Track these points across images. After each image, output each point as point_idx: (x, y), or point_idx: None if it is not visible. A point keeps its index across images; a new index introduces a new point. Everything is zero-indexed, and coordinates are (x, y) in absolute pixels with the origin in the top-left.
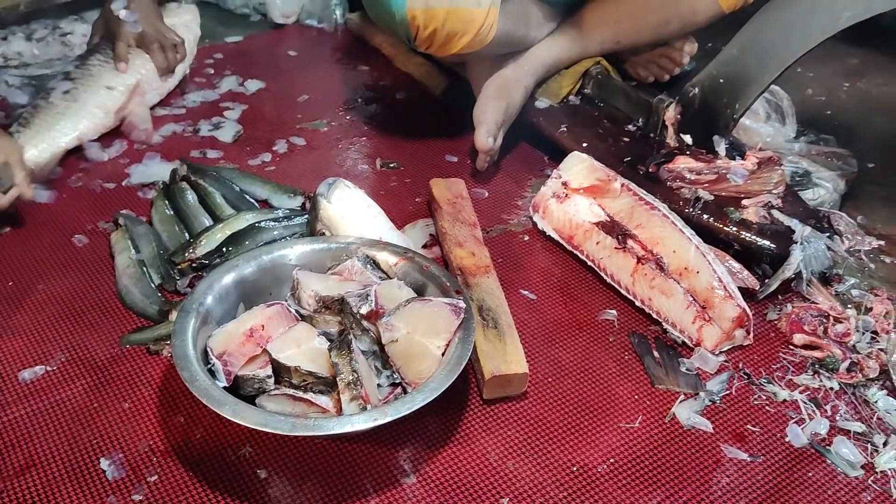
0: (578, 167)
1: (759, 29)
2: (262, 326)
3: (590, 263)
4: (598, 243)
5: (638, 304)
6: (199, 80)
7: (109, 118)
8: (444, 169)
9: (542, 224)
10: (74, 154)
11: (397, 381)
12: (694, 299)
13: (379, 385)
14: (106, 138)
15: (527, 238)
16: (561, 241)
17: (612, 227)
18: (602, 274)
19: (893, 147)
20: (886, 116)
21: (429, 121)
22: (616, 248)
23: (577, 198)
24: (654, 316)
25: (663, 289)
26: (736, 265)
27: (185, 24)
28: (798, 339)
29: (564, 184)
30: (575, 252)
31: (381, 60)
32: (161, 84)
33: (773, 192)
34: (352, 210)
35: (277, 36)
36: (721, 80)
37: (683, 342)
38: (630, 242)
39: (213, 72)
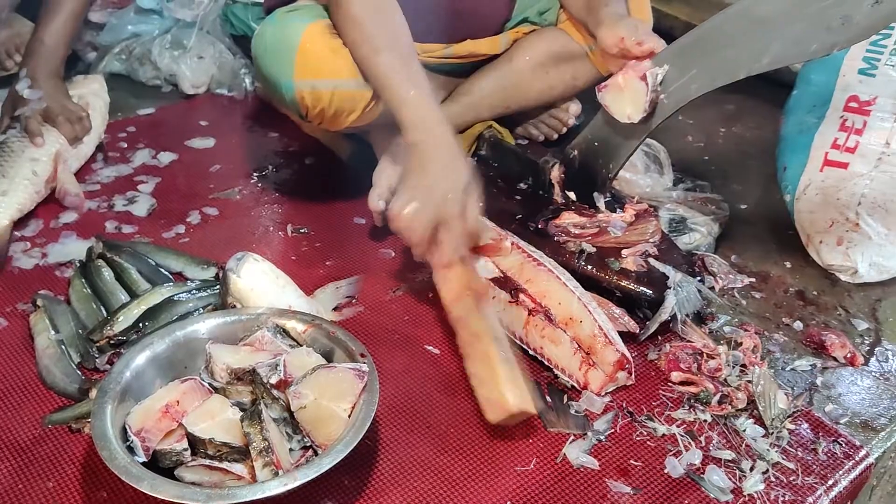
0: None
1: None
2: (178, 402)
3: None
4: (493, 298)
5: (531, 352)
6: (112, 155)
7: (41, 188)
8: (352, 231)
9: None
10: None
11: (308, 445)
12: (579, 346)
13: (291, 449)
14: (21, 219)
15: (431, 295)
16: None
17: (506, 283)
18: None
19: (764, 188)
20: (758, 159)
21: (337, 185)
22: (510, 301)
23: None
24: (546, 363)
25: (552, 338)
26: (617, 311)
27: (94, 92)
28: (675, 376)
29: None
30: None
31: (290, 126)
32: (77, 152)
33: (650, 241)
34: (261, 282)
35: (188, 106)
36: (595, 144)
37: (573, 386)
38: (521, 296)
39: (126, 146)
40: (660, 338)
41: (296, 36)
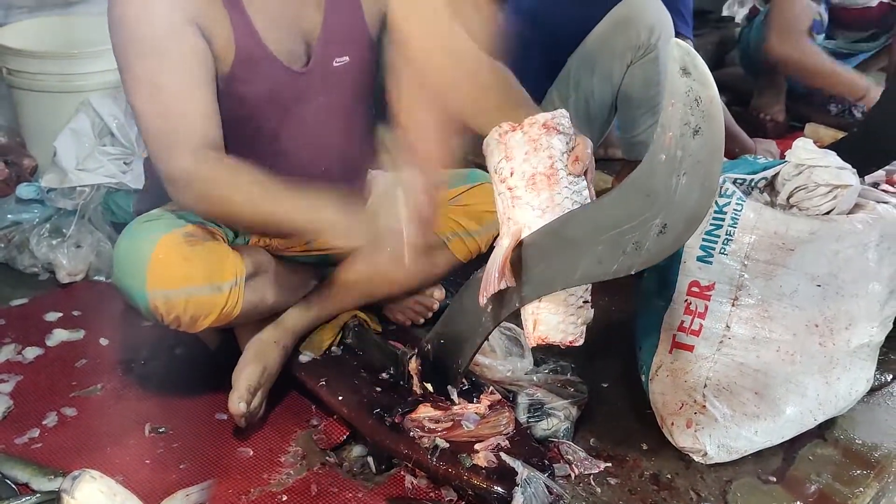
0: None
1: (461, 303)
2: None
3: None
4: None
5: None
6: None
7: None
8: (213, 428)
9: None
10: None
11: None
12: None
13: None
14: None
15: (285, 498)
16: None
17: None
18: None
19: (626, 365)
20: (622, 335)
21: (203, 378)
22: None
23: None
24: None
25: None
26: None
27: None
28: None
29: None
30: None
31: None
32: None
33: (503, 433)
34: (96, 502)
35: (65, 295)
36: (442, 341)
37: None
38: None
39: None
40: None
41: (149, 247)
